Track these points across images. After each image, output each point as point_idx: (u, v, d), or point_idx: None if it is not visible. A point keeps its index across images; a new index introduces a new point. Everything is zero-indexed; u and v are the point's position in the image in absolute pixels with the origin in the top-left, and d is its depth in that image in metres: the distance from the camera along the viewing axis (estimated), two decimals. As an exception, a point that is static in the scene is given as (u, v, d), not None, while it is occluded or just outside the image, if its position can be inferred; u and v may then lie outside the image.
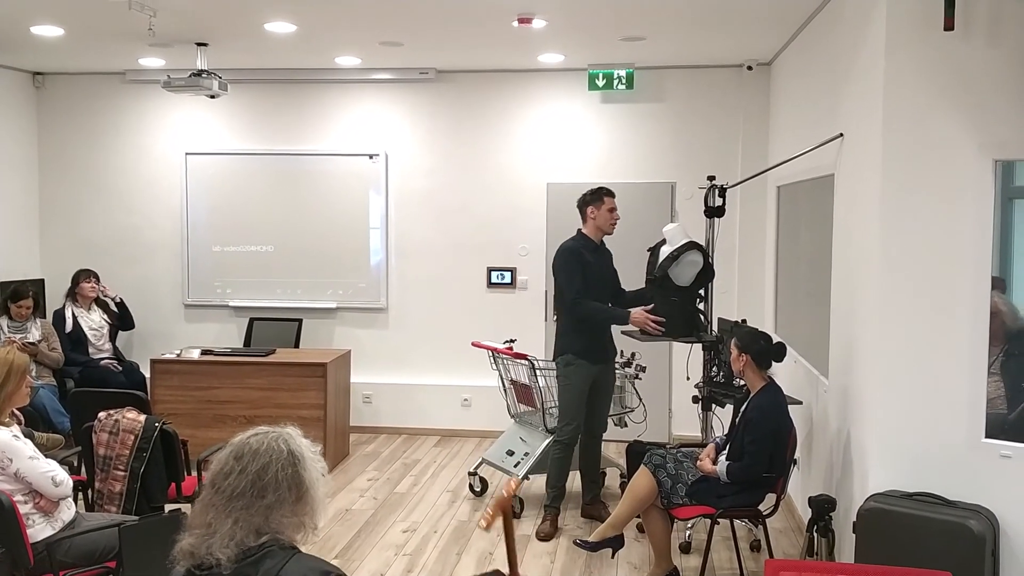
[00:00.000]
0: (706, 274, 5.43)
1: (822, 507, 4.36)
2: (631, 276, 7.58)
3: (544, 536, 5.55)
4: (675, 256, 5.35)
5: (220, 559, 1.94)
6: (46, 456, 3.94)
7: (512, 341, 6.29)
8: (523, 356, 6.07)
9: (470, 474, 6.37)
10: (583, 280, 5.49)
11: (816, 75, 5.58)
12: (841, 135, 4.76)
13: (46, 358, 6.98)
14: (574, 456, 5.78)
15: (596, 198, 5.60)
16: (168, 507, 4.56)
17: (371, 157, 7.96)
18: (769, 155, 7.19)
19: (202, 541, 1.98)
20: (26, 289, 7.17)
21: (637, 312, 5.44)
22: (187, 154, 8.11)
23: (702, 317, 5.57)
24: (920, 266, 4.00)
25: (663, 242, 5.53)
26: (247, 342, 7.90)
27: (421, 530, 5.67)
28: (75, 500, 4.09)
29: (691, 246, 5.38)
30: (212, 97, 6.75)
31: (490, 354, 6.36)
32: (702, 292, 5.54)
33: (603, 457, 6.27)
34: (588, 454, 5.85)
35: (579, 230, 5.68)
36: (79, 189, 8.31)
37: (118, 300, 7.72)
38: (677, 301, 5.38)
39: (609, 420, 6.19)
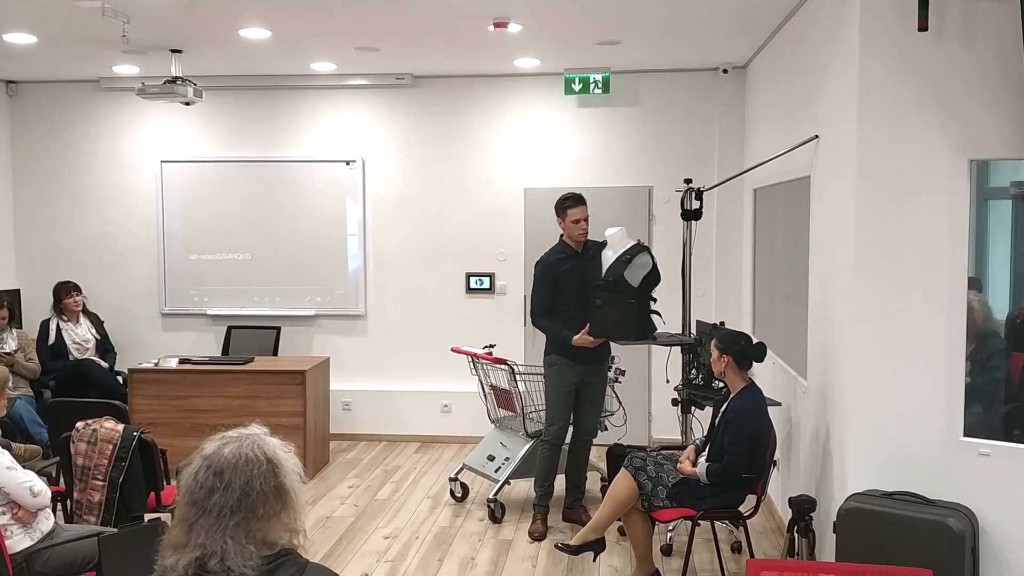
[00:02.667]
0: (654, 276, 5.44)
1: (802, 507, 4.38)
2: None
3: (537, 536, 5.56)
4: (627, 260, 5.37)
5: (246, 573, 1.92)
6: (24, 467, 3.90)
7: (491, 346, 6.29)
8: (502, 361, 6.07)
9: (451, 480, 6.36)
10: (552, 293, 5.53)
11: (791, 77, 5.62)
12: (816, 137, 4.80)
13: (22, 368, 6.90)
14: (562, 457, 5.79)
15: (560, 210, 5.59)
16: (148, 516, 4.52)
17: (348, 163, 7.94)
18: (745, 158, 7.24)
19: (201, 560, 1.94)
20: (0, 300, 7.09)
21: (578, 338, 5.44)
22: (162, 162, 8.05)
23: (656, 319, 5.56)
24: (896, 266, 4.04)
25: (603, 245, 5.50)
26: (225, 350, 7.85)
27: (402, 537, 5.65)
28: (54, 511, 4.05)
29: (641, 248, 5.42)
30: (187, 104, 6.72)
31: (470, 359, 6.35)
32: (656, 296, 5.54)
33: (584, 461, 6.29)
34: (575, 457, 5.84)
35: (560, 236, 5.67)
36: (54, 198, 8.23)
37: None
38: (635, 303, 5.39)
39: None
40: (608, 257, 5.39)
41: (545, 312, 5.57)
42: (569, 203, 5.55)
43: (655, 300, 5.51)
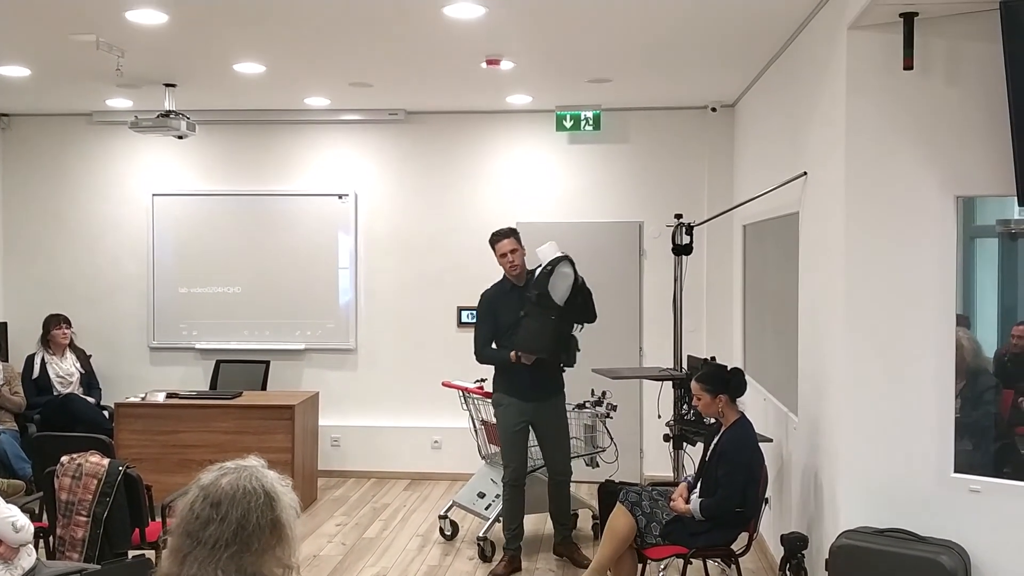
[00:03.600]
0: (579, 292, 5.42)
1: (794, 545, 4.36)
2: (603, 315, 7.59)
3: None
4: (549, 271, 5.39)
5: None
6: (7, 503, 3.85)
7: (483, 381, 6.26)
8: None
9: (440, 518, 6.30)
10: (492, 327, 5.55)
11: (779, 115, 5.68)
12: (805, 173, 4.83)
13: (7, 402, 6.84)
14: (543, 499, 5.74)
15: (492, 245, 5.60)
16: (132, 553, 4.46)
17: (340, 197, 7.96)
18: (735, 194, 7.28)
19: None
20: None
21: (512, 354, 5.46)
22: (154, 195, 8.06)
23: (575, 344, 5.55)
24: (885, 303, 4.05)
25: (539, 265, 5.55)
26: (213, 384, 7.78)
27: (391, 575, 5.58)
28: (36, 547, 3.99)
29: (563, 259, 5.42)
30: (180, 138, 6.73)
31: (461, 394, 6.32)
32: (580, 326, 5.57)
33: (574, 498, 6.24)
34: (555, 498, 5.75)
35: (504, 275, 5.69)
36: (43, 231, 8.21)
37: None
38: (555, 320, 5.36)
39: (580, 460, 6.18)
40: (537, 272, 5.45)
41: (487, 345, 5.60)
42: (495, 237, 5.58)
43: (580, 325, 5.53)
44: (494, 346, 5.61)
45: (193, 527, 1.96)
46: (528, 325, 5.39)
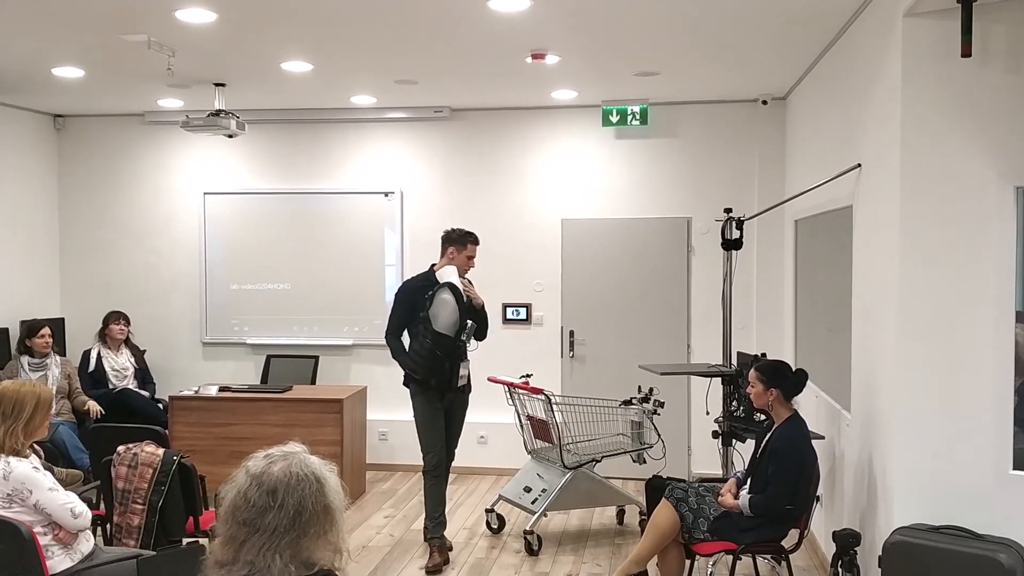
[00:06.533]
0: (463, 317, 5.52)
1: (847, 541, 4.29)
2: (651, 312, 7.59)
3: (433, 568, 5.51)
4: (432, 295, 5.55)
5: None
6: (65, 490, 3.93)
7: (528, 376, 6.26)
8: (539, 391, 6.04)
9: (487, 511, 6.31)
10: (406, 317, 5.66)
11: (832, 106, 5.59)
12: (859, 165, 4.75)
13: (75, 403, 7.01)
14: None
15: (460, 243, 5.72)
16: (185, 540, 4.53)
17: (386, 195, 8.00)
18: (786, 189, 7.19)
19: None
20: (41, 323, 7.19)
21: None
22: (205, 193, 8.18)
23: (456, 375, 5.63)
24: (942, 298, 3.96)
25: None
26: (264, 379, 7.90)
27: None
28: (93, 534, 4.07)
29: (444, 285, 5.56)
30: (230, 137, 6.82)
31: (506, 389, 6.33)
32: (464, 355, 5.65)
33: (622, 494, 6.22)
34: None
35: (432, 264, 5.80)
36: (99, 229, 8.39)
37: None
38: (430, 345, 5.46)
39: (627, 456, 6.16)
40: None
41: (396, 333, 5.74)
42: (473, 239, 5.76)
43: (462, 344, 5.59)
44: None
45: (249, 515, 1.97)
46: (412, 345, 5.64)
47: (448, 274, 5.65)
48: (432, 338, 5.49)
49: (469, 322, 5.56)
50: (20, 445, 3.82)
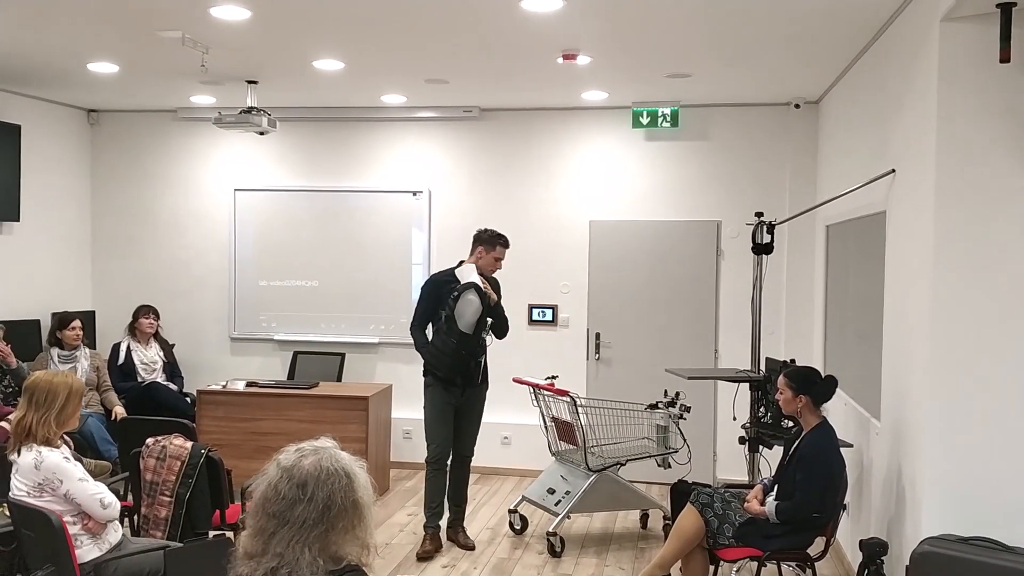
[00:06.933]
0: (484, 318, 5.68)
1: (874, 550, 4.25)
2: (677, 315, 7.55)
3: (423, 555, 5.70)
4: (457, 296, 5.65)
5: None
6: (94, 481, 3.97)
7: (554, 377, 6.24)
8: (565, 392, 6.03)
9: (510, 512, 6.30)
10: (431, 310, 5.80)
11: (866, 111, 5.53)
12: (893, 171, 4.70)
13: (107, 402, 7.07)
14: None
15: (491, 244, 5.83)
16: (212, 533, 4.56)
17: (414, 194, 8.02)
18: (818, 194, 7.13)
19: (274, 570, 1.93)
20: (72, 315, 7.26)
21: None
22: (236, 190, 8.24)
23: (481, 369, 5.83)
24: (977, 305, 3.91)
25: (496, 283, 5.92)
26: (291, 375, 7.95)
27: (460, 566, 5.61)
28: (121, 525, 4.11)
29: (471, 286, 5.65)
30: (261, 134, 6.87)
31: (531, 390, 6.32)
32: (484, 351, 5.83)
33: (646, 498, 6.19)
34: (455, 477, 5.98)
35: (460, 261, 5.92)
36: (131, 223, 8.47)
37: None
38: (455, 345, 5.62)
39: (652, 460, 6.13)
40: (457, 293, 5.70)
41: (421, 325, 5.86)
42: (503, 242, 5.86)
43: (481, 343, 5.78)
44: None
45: (279, 507, 1.98)
46: (434, 342, 5.76)
47: (468, 273, 5.73)
48: (457, 338, 5.61)
49: (489, 319, 5.72)
50: (52, 434, 3.87)
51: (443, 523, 5.96)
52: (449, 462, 5.95)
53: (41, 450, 3.82)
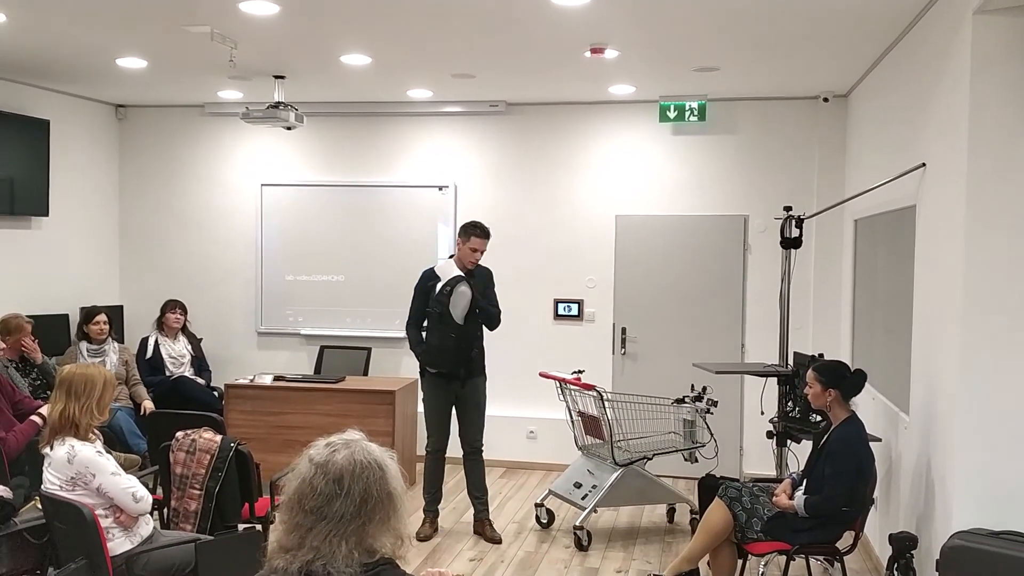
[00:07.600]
0: (473, 308, 5.75)
1: (903, 544, 4.22)
2: (704, 310, 7.52)
3: (423, 537, 5.90)
4: (449, 291, 5.72)
5: None
6: (127, 475, 4.01)
7: (580, 372, 6.24)
8: (591, 387, 6.02)
9: (537, 506, 6.32)
10: (422, 304, 5.90)
11: (896, 105, 5.48)
12: (923, 165, 4.66)
13: (136, 396, 7.13)
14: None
15: (464, 234, 5.85)
16: (241, 526, 4.60)
17: (440, 189, 8.04)
18: (846, 188, 7.07)
19: (310, 563, 1.95)
20: (97, 309, 7.32)
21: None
22: (263, 185, 8.29)
23: (479, 359, 5.93)
24: (1008, 299, 3.88)
25: (488, 273, 6.02)
26: (317, 369, 7.99)
27: (487, 560, 5.63)
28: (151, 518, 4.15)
29: (459, 279, 5.76)
30: (288, 129, 6.90)
31: (558, 385, 6.32)
32: (480, 340, 5.93)
33: (673, 492, 6.18)
34: (470, 472, 6.05)
35: (450, 255, 6.04)
36: (158, 218, 8.55)
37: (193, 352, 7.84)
38: (455, 339, 5.73)
39: (679, 455, 6.12)
40: (438, 288, 5.78)
41: (417, 323, 5.96)
42: (479, 232, 5.82)
43: (479, 332, 5.91)
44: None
45: (316, 503, 1.98)
46: (430, 341, 5.85)
47: (448, 269, 5.84)
48: (456, 332, 5.73)
49: (477, 310, 5.82)
50: (95, 421, 3.92)
51: (444, 512, 6.09)
52: (462, 457, 6.06)
53: (74, 444, 3.86)
